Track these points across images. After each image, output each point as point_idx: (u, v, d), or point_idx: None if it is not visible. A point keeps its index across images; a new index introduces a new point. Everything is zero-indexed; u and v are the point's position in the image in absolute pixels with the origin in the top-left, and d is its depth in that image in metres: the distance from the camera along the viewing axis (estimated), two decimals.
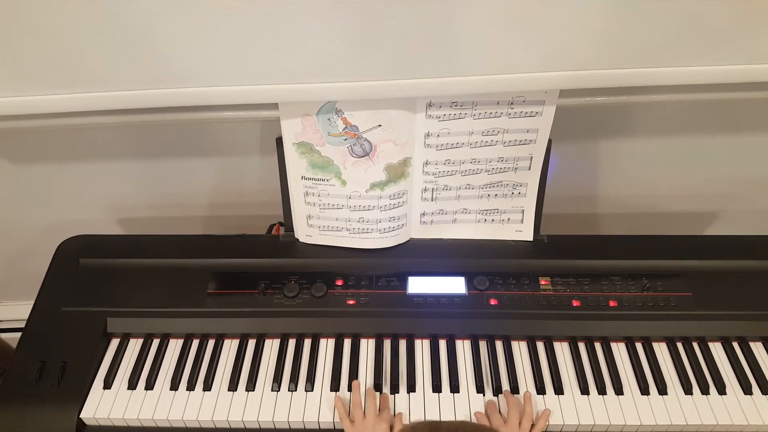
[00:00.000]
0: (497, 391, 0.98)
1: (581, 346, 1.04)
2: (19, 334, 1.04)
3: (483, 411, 0.96)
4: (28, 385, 0.97)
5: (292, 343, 1.05)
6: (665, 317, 1.04)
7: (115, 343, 1.06)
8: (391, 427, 0.93)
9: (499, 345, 1.04)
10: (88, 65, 0.89)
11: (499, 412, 0.95)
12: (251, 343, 1.05)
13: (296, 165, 1.06)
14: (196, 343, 1.06)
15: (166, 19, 0.83)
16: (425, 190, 1.10)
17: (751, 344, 1.04)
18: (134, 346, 1.06)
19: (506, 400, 0.96)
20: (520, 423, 0.92)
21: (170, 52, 0.87)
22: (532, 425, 0.93)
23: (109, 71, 0.90)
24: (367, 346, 1.05)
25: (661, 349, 1.03)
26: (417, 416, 0.95)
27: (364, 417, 0.94)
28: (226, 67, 0.89)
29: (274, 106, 0.98)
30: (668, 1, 0.82)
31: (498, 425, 0.92)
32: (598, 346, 1.04)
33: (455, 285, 1.08)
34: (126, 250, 1.15)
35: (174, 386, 1.00)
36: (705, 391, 0.98)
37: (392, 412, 0.96)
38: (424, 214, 1.13)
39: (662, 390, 0.98)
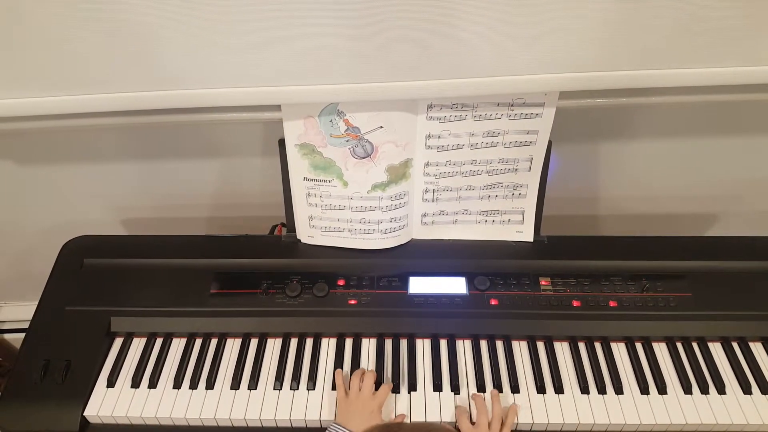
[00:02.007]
0: (498, 390, 0.98)
1: (581, 346, 1.04)
2: (22, 335, 1.05)
3: (467, 413, 0.95)
4: (33, 383, 0.98)
5: (294, 342, 1.06)
6: (665, 317, 1.04)
7: (118, 342, 1.07)
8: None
9: (499, 345, 1.05)
10: (93, 67, 0.90)
11: (470, 415, 0.95)
12: (253, 343, 1.06)
13: (298, 166, 1.06)
14: (198, 342, 1.07)
15: (169, 21, 0.84)
16: (426, 191, 1.10)
17: (751, 344, 1.04)
18: (137, 345, 1.07)
19: (474, 403, 0.95)
20: (489, 425, 0.92)
21: (174, 54, 0.88)
22: (502, 424, 0.92)
23: (113, 73, 0.91)
24: (368, 346, 1.05)
25: (660, 349, 1.04)
26: (418, 415, 0.96)
27: (360, 391, 0.95)
28: (229, 68, 0.90)
29: (277, 107, 0.99)
30: (669, 3, 0.83)
31: (466, 430, 0.92)
32: (598, 346, 1.04)
33: (456, 285, 1.09)
34: (130, 250, 1.16)
35: (177, 385, 1.01)
36: (704, 390, 0.98)
37: (392, 409, 0.96)
38: (425, 214, 1.14)
39: (662, 390, 0.98)
